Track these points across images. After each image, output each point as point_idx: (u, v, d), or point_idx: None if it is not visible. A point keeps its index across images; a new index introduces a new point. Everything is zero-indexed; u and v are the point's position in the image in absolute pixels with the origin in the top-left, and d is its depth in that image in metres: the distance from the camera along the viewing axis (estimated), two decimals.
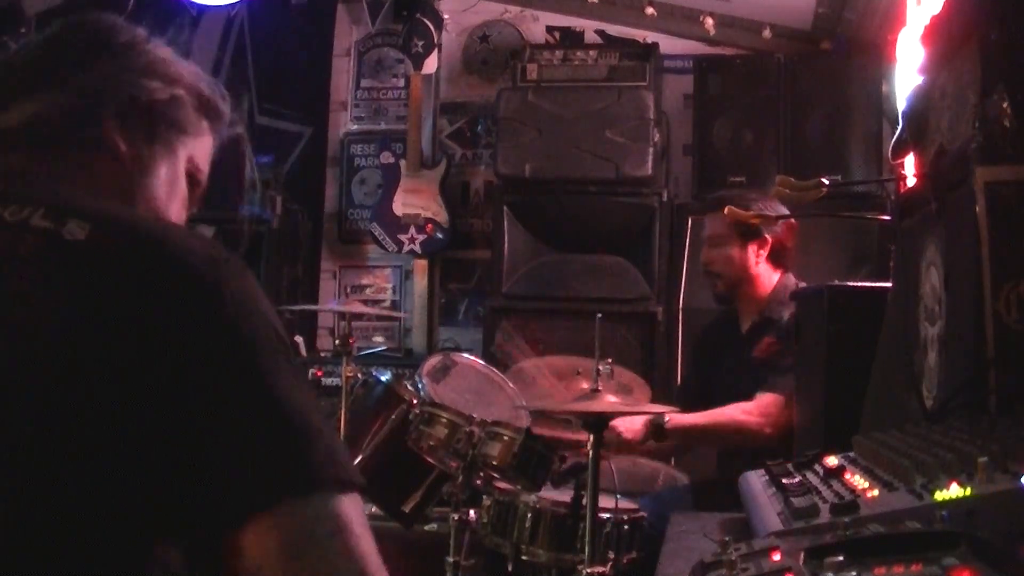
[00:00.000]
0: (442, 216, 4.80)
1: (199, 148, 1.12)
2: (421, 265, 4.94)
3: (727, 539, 0.98)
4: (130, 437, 0.80)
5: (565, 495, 2.54)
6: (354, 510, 0.84)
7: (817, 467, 1.42)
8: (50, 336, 0.81)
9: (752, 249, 3.07)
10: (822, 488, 1.26)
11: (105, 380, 0.80)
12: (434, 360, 3.10)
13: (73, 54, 1.05)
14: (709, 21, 4.69)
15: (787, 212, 2.94)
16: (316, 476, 0.83)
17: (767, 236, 3.06)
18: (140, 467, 0.80)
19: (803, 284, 3.07)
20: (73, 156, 1.01)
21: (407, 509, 2.71)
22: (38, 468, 0.79)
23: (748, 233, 3.05)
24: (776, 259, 3.11)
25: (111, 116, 1.03)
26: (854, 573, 0.79)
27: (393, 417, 2.76)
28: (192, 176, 1.12)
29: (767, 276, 3.11)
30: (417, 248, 4.82)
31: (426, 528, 2.96)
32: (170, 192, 1.08)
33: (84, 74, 1.03)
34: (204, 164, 1.14)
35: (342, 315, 3.54)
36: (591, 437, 2.30)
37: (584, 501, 2.35)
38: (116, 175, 1.03)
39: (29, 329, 0.81)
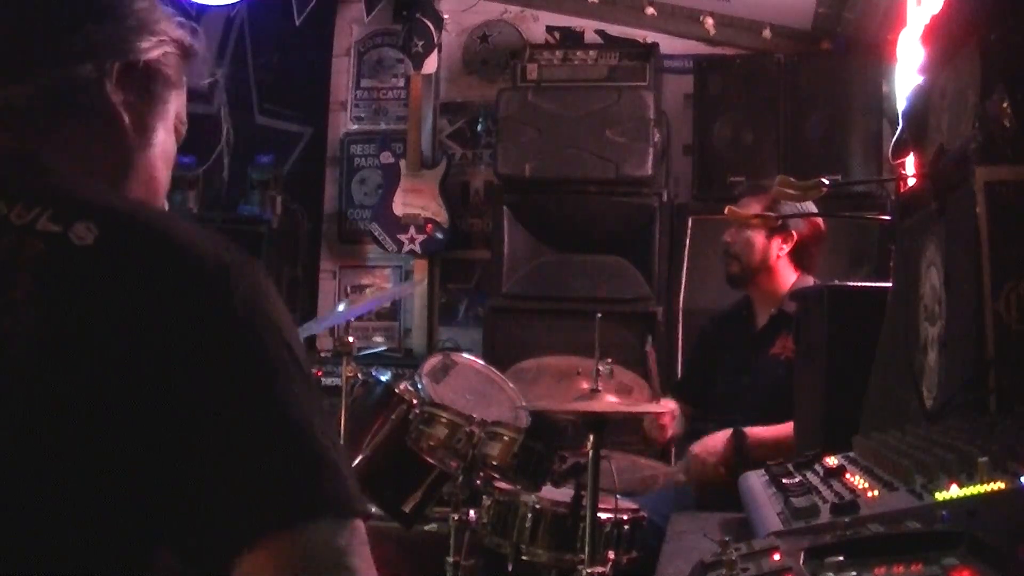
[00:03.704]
0: (442, 216, 4.79)
1: (183, 98, 1.07)
2: (421, 265, 4.93)
3: (727, 539, 0.98)
4: (131, 449, 0.79)
5: (565, 495, 2.54)
6: (357, 538, 0.82)
7: (817, 467, 1.41)
8: (54, 345, 0.79)
9: (776, 241, 3.07)
10: (822, 488, 1.26)
11: (108, 389, 0.79)
12: (434, 360, 3.10)
13: (58, 18, 0.95)
14: (709, 21, 4.69)
15: (815, 211, 2.93)
16: (320, 504, 0.81)
17: (793, 232, 3.06)
18: (142, 479, 0.79)
19: None
20: (73, 129, 0.95)
21: (407, 509, 2.71)
22: (39, 487, 0.78)
23: (776, 225, 3.03)
24: (797, 258, 3.10)
25: (111, 82, 0.97)
26: (854, 573, 0.79)
27: (393, 417, 2.77)
28: (177, 130, 1.07)
29: (786, 273, 3.09)
30: (417, 248, 4.81)
31: (426, 528, 2.96)
32: (165, 159, 1.04)
33: (75, 39, 0.95)
34: (184, 113, 1.08)
35: None
36: (591, 437, 2.30)
37: (584, 501, 2.35)
38: (116, 148, 0.98)
39: (34, 337, 0.79)
